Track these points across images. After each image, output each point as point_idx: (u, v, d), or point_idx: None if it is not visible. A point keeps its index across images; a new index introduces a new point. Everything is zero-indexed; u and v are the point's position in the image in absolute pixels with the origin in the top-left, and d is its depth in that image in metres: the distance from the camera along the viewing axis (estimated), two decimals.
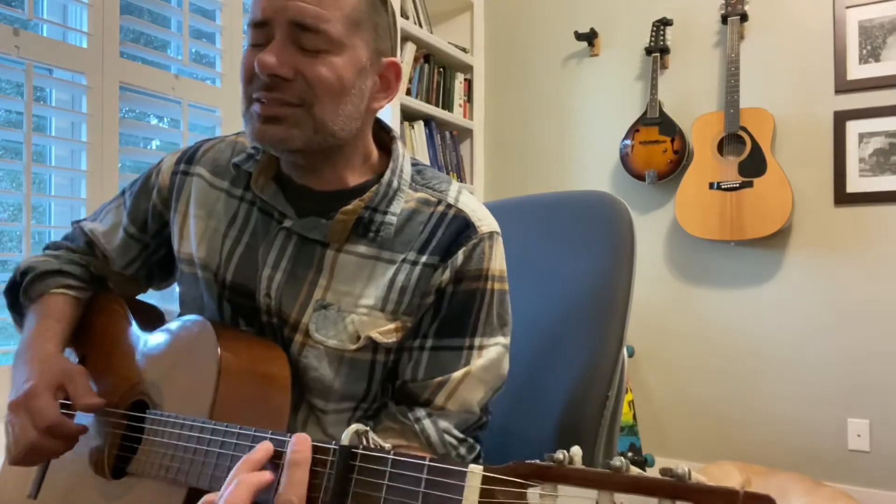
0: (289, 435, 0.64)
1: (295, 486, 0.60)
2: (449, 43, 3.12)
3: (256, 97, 0.82)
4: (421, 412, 0.85)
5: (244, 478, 0.61)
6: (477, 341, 0.88)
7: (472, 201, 0.92)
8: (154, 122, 2.18)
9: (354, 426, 0.60)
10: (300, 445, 0.62)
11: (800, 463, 2.67)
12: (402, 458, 0.55)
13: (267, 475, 0.62)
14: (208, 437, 0.72)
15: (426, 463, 0.53)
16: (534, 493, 0.46)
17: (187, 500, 0.73)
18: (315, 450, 0.61)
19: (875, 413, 2.59)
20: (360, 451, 0.58)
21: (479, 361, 0.87)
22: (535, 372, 1.09)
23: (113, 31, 1.83)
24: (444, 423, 0.85)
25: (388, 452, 0.57)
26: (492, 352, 0.88)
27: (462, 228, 0.87)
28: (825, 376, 2.67)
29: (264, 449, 0.64)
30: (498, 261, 0.90)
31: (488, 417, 0.91)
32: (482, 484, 0.49)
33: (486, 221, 0.90)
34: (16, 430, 0.84)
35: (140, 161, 2.06)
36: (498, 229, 0.91)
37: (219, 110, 2.13)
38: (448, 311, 0.87)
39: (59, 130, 1.81)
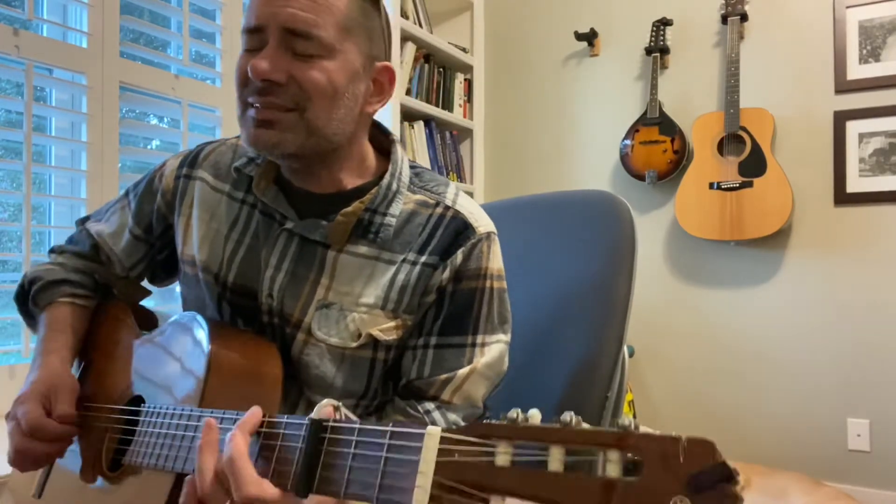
0: (269, 415, 0.66)
1: (245, 482, 0.61)
2: (449, 43, 3.12)
3: (251, 101, 0.83)
4: (430, 405, 0.87)
5: (236, 427, 0.64)
6: (479, 339, 0.90)
7: (469, 203, 0.94)
8: (154, 122, 2.17)
9: (327, 400, 0.62)
10: (233, 440, 0.64)
11: (800, 463, 2.67)
12: (368, 427, 0.57)
13: (256, 411, 0.65)
14: (195, 423, 0.75)
15: (389, 429, 0.55)
16: (490, 450, 0.48)
17: (175, 487, 0.75)
18: (289, 426, 0.64)
19: (875, 413, 2.59)
20: (329, 424, 0.60)
21: (482, 359, 0.89)
22: (534, 371, 1.10)
23: (113, 31, 1.83)
24: (452, 416, 0.88)
25: (356, 423, 0.59)
26: (494, 349, 0.91)
27: (460, 229, 0.90)
28: (825, 376, 2.67)
29: (255, 412, 0.67)
30: (496, 260, 0.92)
31: (490, 412, 0.93)
32: (440, 444, 0.50)
33: (483, 222, 0.92)
34: (10, 437, 0.89)
35: (140, 161, 2.06)
36: (494, 230, 0.94)
37: (219, 110, 2.13)
38: (450, 310, 0.89)
39: (59, 130, 1.81)
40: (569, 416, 0.46)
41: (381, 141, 0.98)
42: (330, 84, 0.82)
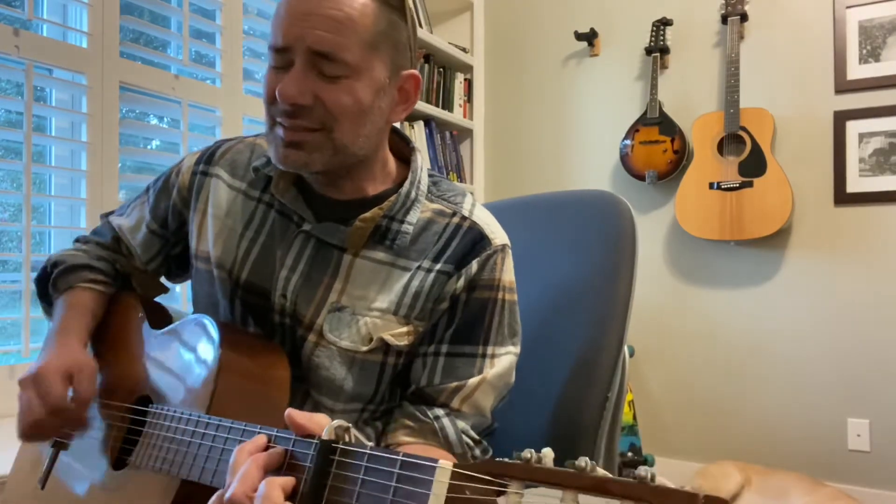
0: (276, 430, 0.65)
1: (245, 480, 0.60)
2: (449, 43, 3.12)
3: (279, 121, 0.84)
4: (439, 411, 0.88)
5: (255, 457, 0.62)
6: (490, 350, 0.90)
7: (485, 215, 0.95)
8: (154, 122, 2.17)
9: (337, 421, 0.61)
10: (253, 442, 0.64)
11: (800, 463, 2.67)
12: (378, 453, 0.56)
13: (276, 452, 0.63)
14: (202, 430, 0.75)
15: (399, 458, 0.54)
16: (501, 490, 0.47)
17: (180, 492, 0.75)
18: (297, 443, 0.63)
19: (875, 413, 2.59)
20: (339, 446, 0.59)
21: (492, 370, 0.90)
22: (534, 371, 1.09)
23: (113, 31, 1.83)
24: (462, 424, 0.88)
25: (366, 448, 0.58)
26: (504, 360, 0.91)
27: (476, 240, 0.91)
28: (825, 376, 2.67)
29: (260, 439, 0.65)
30: (508, 272, 0.93)
31: (496, 424, 0.93)
32: (451, 479, 0.50)
33: (498, 235, 0.93)
34: (23, 405, 0.87)
35: (140, 161, 2.06)
36: (509, 243, 0.94)
37: (219, 110, 2.12)
38: (462, 319, 0.90)
39: (59, 130, 1.81)
40: (584, 461, 0.45)
41: (401, 147, 0.99)
42: (356, 104, 0.83)
